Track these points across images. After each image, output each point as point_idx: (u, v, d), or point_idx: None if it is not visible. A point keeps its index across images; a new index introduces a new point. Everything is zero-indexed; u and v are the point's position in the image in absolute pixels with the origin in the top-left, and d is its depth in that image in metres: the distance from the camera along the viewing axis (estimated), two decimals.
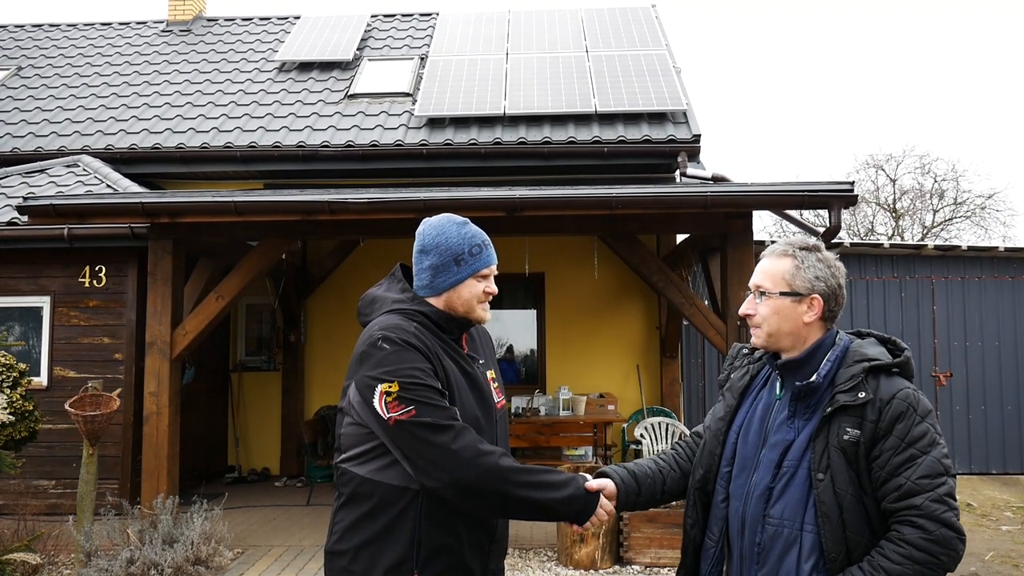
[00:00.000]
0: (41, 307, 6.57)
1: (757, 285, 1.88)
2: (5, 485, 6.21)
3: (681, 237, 7.82)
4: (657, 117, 8.12)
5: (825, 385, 1.77)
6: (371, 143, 8.02)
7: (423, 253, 2.00)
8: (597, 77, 8.78)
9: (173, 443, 5.73)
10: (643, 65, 8.98)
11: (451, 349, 1.98)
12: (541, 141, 7.85)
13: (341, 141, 8.07)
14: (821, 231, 6.06)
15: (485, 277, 2.01)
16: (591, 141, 7.80)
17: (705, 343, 8.68)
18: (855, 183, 5.54)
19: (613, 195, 5.23)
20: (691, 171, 7.68)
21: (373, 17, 11.28)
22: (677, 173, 7.81)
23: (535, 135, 7.96)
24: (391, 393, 1.79)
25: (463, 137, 8.02)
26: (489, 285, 2.03)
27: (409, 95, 8.99)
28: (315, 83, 9.39)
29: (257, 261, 5.94)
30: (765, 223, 28.08)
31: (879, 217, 22.61)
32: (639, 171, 8.22)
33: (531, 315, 9.07)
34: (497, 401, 2.07)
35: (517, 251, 7.17)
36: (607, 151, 7.77)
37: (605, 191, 5.31)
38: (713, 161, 31.40)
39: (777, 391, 1.88)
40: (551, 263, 8.65)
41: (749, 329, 1.93)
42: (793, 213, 7.41)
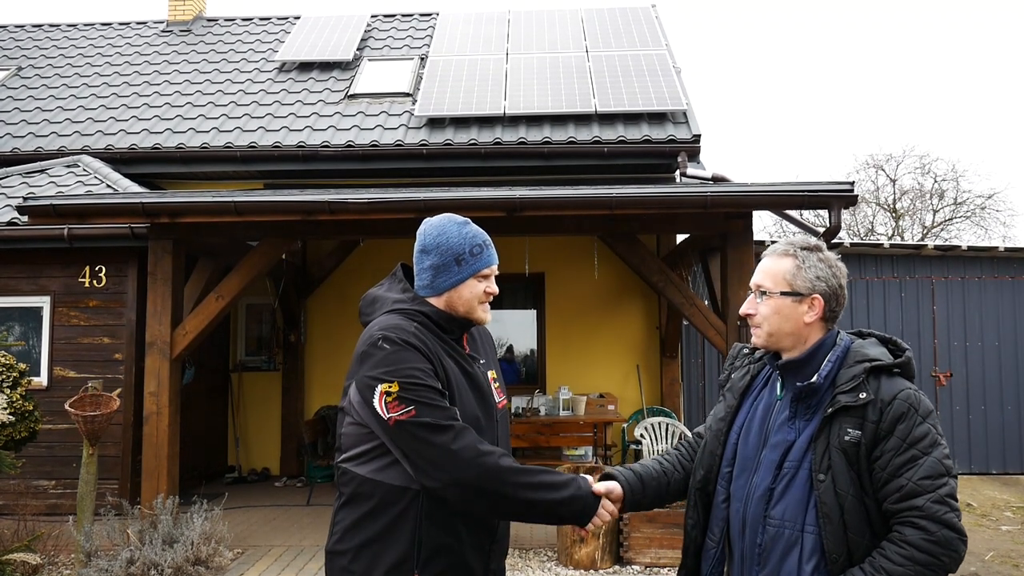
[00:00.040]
0: (41, 307, 6.57)
1: (758, 285, 1.88)
2: (5, 485, 6.21)
3: (681, 237, 7.81)
4: (657, 117, 8.12)
5: (826, 386, 1.76)
6: (371, 143, 8.02)
7: (424, 253, 2.00)
8: (597, 77, 8.78)
9: (173, 443, 5.73)
10: (643, 65, 8.98)
11: (452, 349, 1.97)
12: (541, 141, 7.85)
13: (341, 141, 8.07)
14: (821, 231, 6.06)
15: (486, 277, 2.01)
16: (591, 141, 7.80)
17: (705, 343, 8.68)
18: (855, 183, 5.54)
19: (613, 195, 5.23)
20: (691, 171, 7.68)
21: (373, 17, 11.28)
22: (677, 173, 7.81)
23: (535, 135, 7.96)
24: (391, 393, 1.79)
25: (463, 137, 8.02)
26: (490, 285, 2.02)
27: (409, 95, 8.99)
28: (315, 83, 9.39)
29: (257, 261, 5.94)
30: (765, 223, 28.08)
31: (879, 217, 22.62)
32: (639, 171, 8.22)
33: (531, 315, 9.07)
34: (498, 401, 2.06)
35: (517, 251, 7.17)
36: (607, 151, 7.77)
37: (605, 191, 5.30)
38: (713, 161, 31.40)
39: (778, 391, 1.87)
40: (551, 263, 8.65)
41: (750, 329, 1.92)
42: (793, 213, 7.42)
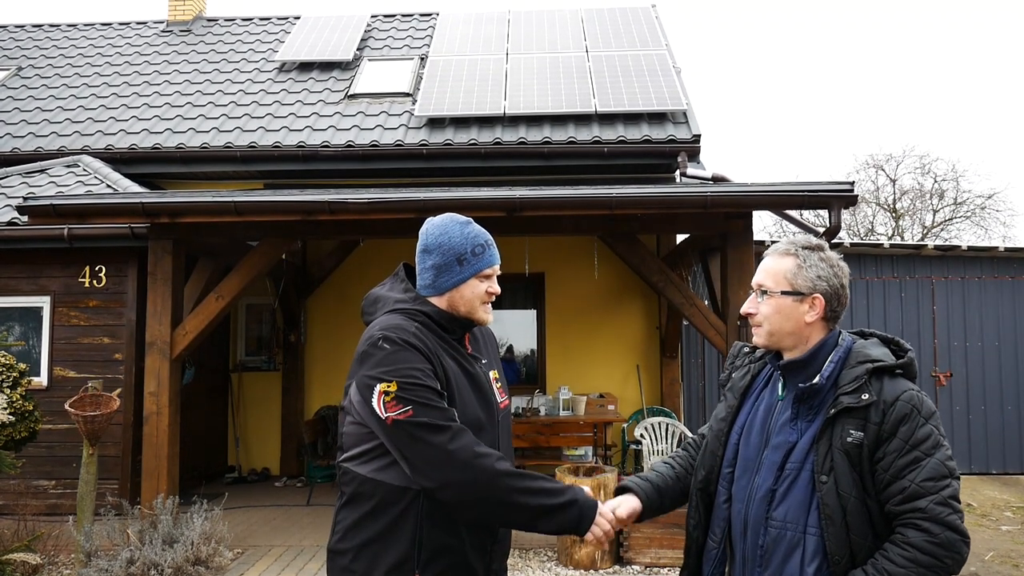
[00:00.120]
0: (41, 307, 6.57)
1: (759, 284, 1.87)
2: (5, 485, 6.20)
3: (681, 237, 7.81)
4: (657, 117, 8.12)
5: (828, 387, 1.76)
6: (371, 143, 8.01)
7: (426, 252, 2.00)
8: (597, 77, 8.77)
9: (173, 443, 5.73)
10: (643, 65, 8.98)
11: (453, 349, 1.97)
12: (541, 141, 7.84)
13: (341, 141, 8.07)
14: (821, 231, 6.06)
15: (488, 277, 2.01)
16: (591, 141, 7.80)
17: (705, 343, 8.68)
18: (855, 183, 5.54)
19: (613, 195, 5.23)
20: (691, 171, 7.68)
21: (373, 17, 11.28)
22: (677, 173, 7.81)
23: (535, 135, 7.95)
24: (389, 393, 1.79)
25: (463, 137, 8.02)
26: (492, 285, 2.02)
27: (409, 95, 8.98)
28: (315, 83, 9.39)
29: (257, 261, 5.94)
30: (765, 223, 28.11)
31: (879, 217, 22.62)
32: (639, 171, 8.22)
33: (531, 315, 9.07)
34: (500, 401, 2.06)
35: (517, 251, 7.17)
36: (607, 151, 7.76)
37: (605, 191, 5.30)
38: (713, 161, 31.41)
39: (779, 392, 1.87)
40: (551, 263, 8.65)
41: (750, 328, 1.92)
42: (793, 213, 7.41)
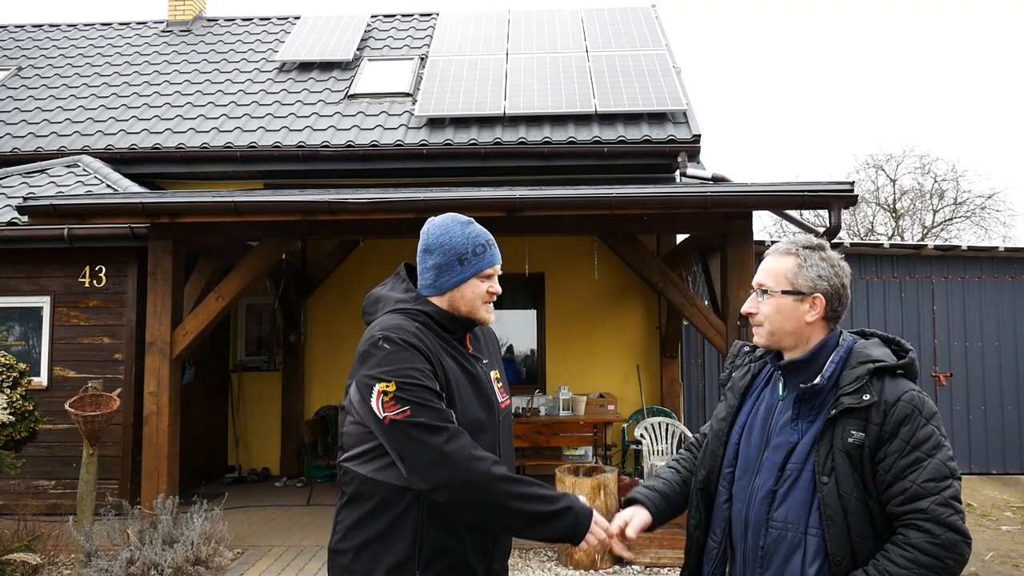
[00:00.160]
0: (41, 307, 6.56)
1: (759, 283, 1.87)
2: (5, 485, 6.20)
3: (681, 237, 7.81)
4: (657, 117, 8.12)
5: (829, 387, 1.75)
6: (371, 143, 8.01)
7: (427, 252, 1.99)
8: (597, 77, 8.77)
9: (173, 443, 5.73)
10: (643, 65, 8.98)
11: (454, 349, 1.97)
12: (541, 141, 7.84)
13: (341, 141, 8.07)
14: (821, 231, 6.06)
15: (489, 277, 2.00)
16: (591, 141, 7.80)
17: (705, 343, 8.68)
18: (855, 183, 5.53)
19: (613, 195, 5.23)
20: (691, 171, 7.68)
21: (373, 17, 11.27)
22: (677, 173, 7.81)
23: (535, 135, 7.95)
24: (388, 393, 1.79)
25: (463, 137, 8.02)
26: (493, 285, 2.02)
27: (409, 95, 8.98)
28: (315, 83, 9.38)
29: (257, 261, 5.94)
30: (765, 223, 28.11)
31: (879, 217, 22.62)
32: (639, 171, 8.22)
33: (531, 315, 9.07)
34: (501, 401, 2.06)
35: (517, 251, 7.17)
36: (607, 151, 7.76)
37: (605, 191, 5.30)
38: (713, 161, 31.41)
39: (780, 392, 1.86)
40: (551, 263, 8.65)
41: (751, 328, 1.92)
42: (793, 213, 7.41)
